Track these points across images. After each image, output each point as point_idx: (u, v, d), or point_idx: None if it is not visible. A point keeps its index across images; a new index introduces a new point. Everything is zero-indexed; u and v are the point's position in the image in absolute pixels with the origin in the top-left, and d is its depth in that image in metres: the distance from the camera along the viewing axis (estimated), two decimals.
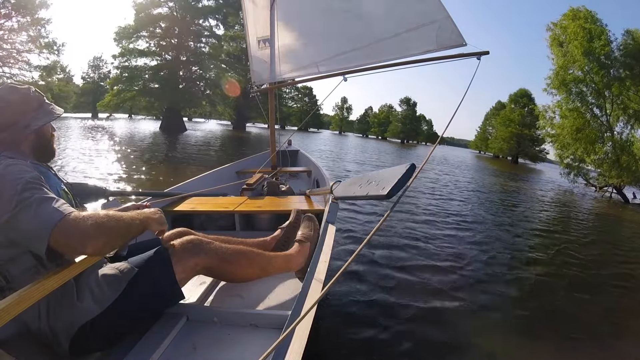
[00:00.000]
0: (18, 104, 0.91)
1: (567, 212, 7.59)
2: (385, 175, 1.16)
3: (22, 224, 0.72)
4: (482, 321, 2.08)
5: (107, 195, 1.70)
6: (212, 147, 12.78)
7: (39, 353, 0.87)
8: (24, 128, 0.90)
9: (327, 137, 38.39)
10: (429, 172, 10.99)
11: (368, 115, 75.61)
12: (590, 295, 2.73)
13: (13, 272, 0.80)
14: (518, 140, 38.49)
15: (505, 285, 2.68)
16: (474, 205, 6.37)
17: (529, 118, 36.84)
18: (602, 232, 5.76)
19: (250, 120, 36.79)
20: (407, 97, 66.35)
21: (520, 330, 2.05)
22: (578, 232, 5.19)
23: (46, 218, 0.71)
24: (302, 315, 0.73)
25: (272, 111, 3.35)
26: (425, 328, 1.90)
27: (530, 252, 3.74)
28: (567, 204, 9.00)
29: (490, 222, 4.93)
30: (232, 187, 2.68)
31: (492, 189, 9.68)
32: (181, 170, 6.70)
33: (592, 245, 4.50)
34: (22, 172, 0.78)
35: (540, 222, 5.74)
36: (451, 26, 2.20)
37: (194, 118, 43.43)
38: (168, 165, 7.40)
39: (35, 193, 0.74)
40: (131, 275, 0.93)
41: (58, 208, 0.74)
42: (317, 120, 66.36)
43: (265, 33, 3.05)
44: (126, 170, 6.12)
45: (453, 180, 10.04)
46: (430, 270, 2.74)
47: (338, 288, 2.21)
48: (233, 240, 1.40)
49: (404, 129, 62.23)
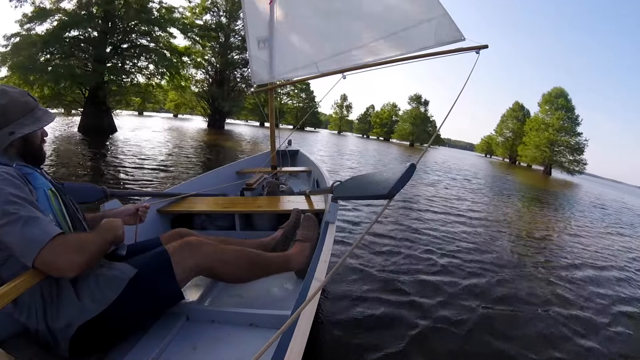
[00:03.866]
0: (8, 108, 0.88)
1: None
2: (385, 174, 1.16)
3: (7, 237, 0.74)
4: (484, 322, 2.07)
5: (106, 195, 1.70)
6: (132, 170, 5.68)
7: (39, 353, 0.87)
8: (9, 135, 0.88)
9: (324, 137, 33.98)
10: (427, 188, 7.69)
11: (369, 114, 68.82)
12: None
13: (3, 274, 0.81)
14: (553, 148, 33.32)
15: (506, 291, 2.67)
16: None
17: (565, 122, 32.70)
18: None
19: (232, 116, 29.24)
20: (417, 94, 56.63)
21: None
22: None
23: (33, 239, 0.73)
24: (302, 307, 0.72)
25: (272, 111, 3.35)
26: (426, 328, 1.90)
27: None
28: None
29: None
30: (232, 187, 2.68)
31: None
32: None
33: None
34: (10, 185, 0.78)
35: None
36: (449, 22, 2.19)
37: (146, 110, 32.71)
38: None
39: (20, 209, 0.75)
40: (131, 275, 0.93)
41: (44, 229, 0.76)
42: (315, 119, 60.15)
43: (265, 33, 3.05)
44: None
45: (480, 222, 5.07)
46: (435, 273, 2.74)
47: (338, 288, 2.20)
48: (233, 241, 1.40)
49: (415, 130, 53.86)
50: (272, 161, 3.44)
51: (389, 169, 1.18)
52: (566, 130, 33.16)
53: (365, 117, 69.85)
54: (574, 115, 33.60)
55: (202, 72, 24.61)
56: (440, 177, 10.76)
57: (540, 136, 33.92)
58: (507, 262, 3.27)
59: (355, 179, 1.49)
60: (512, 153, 45.95)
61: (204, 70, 24.67)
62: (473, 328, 1.96)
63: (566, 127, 33.00)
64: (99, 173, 5.38)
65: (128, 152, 7.75)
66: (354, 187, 1.44)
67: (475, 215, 5.38)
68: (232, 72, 24.81)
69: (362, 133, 70.63)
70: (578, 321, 2.28)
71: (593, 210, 9.44)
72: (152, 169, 6.07)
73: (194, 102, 26.22)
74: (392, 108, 63.66)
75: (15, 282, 0.75)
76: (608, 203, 13.19)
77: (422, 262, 2.86)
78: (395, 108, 63.28)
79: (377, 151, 22.00)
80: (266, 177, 2.79)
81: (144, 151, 8.22)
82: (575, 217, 7.47)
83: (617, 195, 20.85)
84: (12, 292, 0.73)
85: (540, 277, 3.03)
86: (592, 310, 2.50)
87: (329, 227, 1.45)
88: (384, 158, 16.79)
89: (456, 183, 9.92)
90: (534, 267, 3.28)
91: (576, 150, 32.97)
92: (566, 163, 33.35)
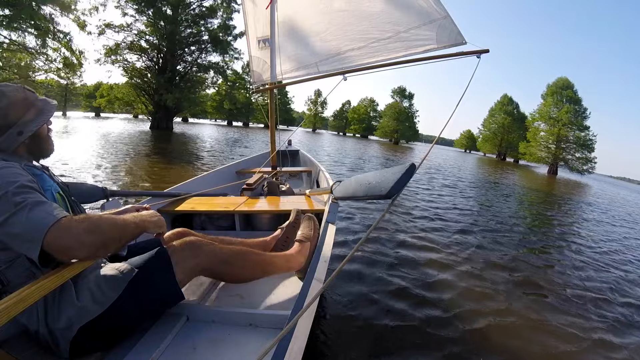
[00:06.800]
0: (9, 108, 0.86)
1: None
2: (385, 175, 1.16)
3: (15, 227, 0.71)
4: (486, 324, 2.07)
5: (106, 195, 1.70)
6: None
7: (39, 353, 0.87)
8: (18, 135, 0.86)
9: (298, 135, 29.55)
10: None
11: (346, 110, 63.96)
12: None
13: (9, 275, 0.80)
14: (559, 145, 29.21)
15: (517, 290, 2.67)
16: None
17: (573, 116, 28.77)
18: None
19: (183, 111, 22.88)
20: (401, 87, 51.64)
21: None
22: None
23: (39, 222, 0.71)
24: (301, 312, 0.73)
25: (272, 111, 3.35)
26: (426, 329, 1.90)
27: None
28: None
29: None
30: (232, 187, 2.68)
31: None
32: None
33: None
34: (15, 175, 0.77)
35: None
36: (451, 25, 2.20)
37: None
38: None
39: (28, 197, 0.74)
40: (131, 275, 0.93)
41: (51, 212, 0.73)
42: (288, 116, 54.00)
43: (265, 33, 3.05)
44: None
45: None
46: (435, 274, 2.74)
47: (339, 289, 2.20)
48: (233, 241, 1.40)
49: (400, 126, 49.20)
50: (272, 161, 3.45)
51: (389, 169, 1.19)
52: (576, 125, 29.24)
53: (341, 114, 65.29)
54: (582, 108, 29.94)
55: (137, 56, 17.92)
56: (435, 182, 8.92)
57: (547, 132, 30.11)
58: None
59: (355, 179, 1.50)
60: (500, 149, 44.30)
61: (140, 54, 17.96)
62: (477, 329, 1.96)
63: (576, 121, 29.06)
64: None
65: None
66: (354, 187, 1.44)
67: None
68: (181, 54, 18.77)
69: (338, 130, 65.78)
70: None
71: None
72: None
73: (132, 96, 19.13)
74: (370, 103, 59.99)
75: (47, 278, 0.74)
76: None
77: (424, 262, 2.87)
78: (374, 103, 59.71)
79: (364, 151, 18.75)
80: (266, 177, 2.79)
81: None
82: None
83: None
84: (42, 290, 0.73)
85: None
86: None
87: (329, 227, 1.45)
88: (373, 152, 14.36)
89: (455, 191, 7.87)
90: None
91: (586, 146, 29.17)
92: (574, 161, 29.56)
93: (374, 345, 1.69)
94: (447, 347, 1.77)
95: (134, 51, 18.00)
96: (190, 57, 19.72)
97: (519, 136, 40.76)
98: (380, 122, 53.95)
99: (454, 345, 1.78)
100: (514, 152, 42.88)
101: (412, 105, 51.58)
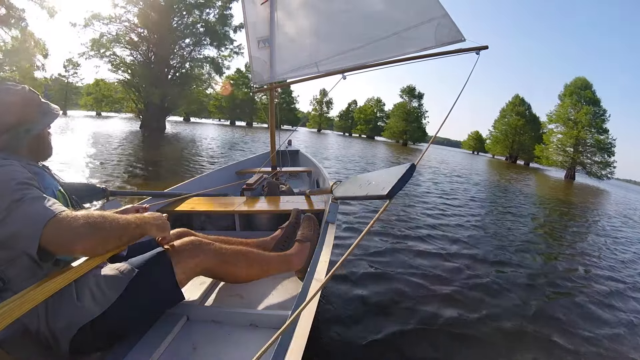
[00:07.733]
0: (18, 106, 0.87)
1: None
2: (385, 175, 1.16)
3: (14, 224, 0.70)
4: (487, 326, 2.07)
5: (107, 195, 1.70)
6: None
7: (39, 353, 0.87)
8: (25, 132, 0.88)
9: (302, 136, 29.49)
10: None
11: (352, 110, 62.81)
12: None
13: (9, 274, 0.80)
14: (578, 148, 27.63)
15: (519, 292, 2.67)
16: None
17: (593, 118, 27.16)
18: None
19: (177, 110, 20.79)
20: (410, 86, 49.71)
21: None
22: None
23: (37, 216, 0.70)
24: (301, 308, 0.73)
25: (272, 111, 3.36)
26: (426, 329, 1.90)
27: None
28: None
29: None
30: (232, 187, 2.68)
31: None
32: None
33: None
34: (14, 172, 0.77)
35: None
36: (449, 23, 2.20)
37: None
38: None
39: (27, 193, 0.73)
40: (131, 276, 0.93)
41: (49, 207, 0.73)
42: (292, 116, 52.96)
43: (265, 33, 3.05)
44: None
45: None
46: (435, 274, 2.74)
47: (339, 289, 2.20)
48: (233, 241, 1.40)
49: (409, 127, 47.66)
50: (272, 161, 3.45)
51: (389, 169, 1.19)
52: (596, 128, 27.74)
53: (347, 114, 63.97)
54: (601, 109, 28.38)
55: (127, 50, 16.56)
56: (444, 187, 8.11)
57: (565, 134, 28.43)
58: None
59: (355, 179, 1.50)
60: (512, 151, 43.11)
61: (130, 47, 16.60)
62: (479, 330, 1.95)
63: (595, 123, 27.44)
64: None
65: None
66: (354, 187, 1.44)
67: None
68: (173, 47, 17.32)
69: (344, 131, 64.10)
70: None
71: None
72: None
73: (121, 94, 17.84)
74: (377, 103, 58.75)
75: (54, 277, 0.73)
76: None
77: (425, 262, 2.87)
78: (380, 103, 58.47)
79: (372, 154, 17.05)
80: (266, 177, 2.79)
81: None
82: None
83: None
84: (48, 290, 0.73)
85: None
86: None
87: (329, 227, 1.45)
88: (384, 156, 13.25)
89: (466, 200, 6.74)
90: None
91: (606, 150, 27.70)
92: (594, 166, 27.94)
93: (374, 345, 1.69)
94: (447, 348, 1.76)
95: (123, 44, 16.78)
96: (184, 51, 18.38)
97: (531, 138, 39.85)
98: (388, 123, 52.58)
99: (455, 347, 1.78)
100: (525, 155, 41.99)
101: (421, 105, 50.11)
